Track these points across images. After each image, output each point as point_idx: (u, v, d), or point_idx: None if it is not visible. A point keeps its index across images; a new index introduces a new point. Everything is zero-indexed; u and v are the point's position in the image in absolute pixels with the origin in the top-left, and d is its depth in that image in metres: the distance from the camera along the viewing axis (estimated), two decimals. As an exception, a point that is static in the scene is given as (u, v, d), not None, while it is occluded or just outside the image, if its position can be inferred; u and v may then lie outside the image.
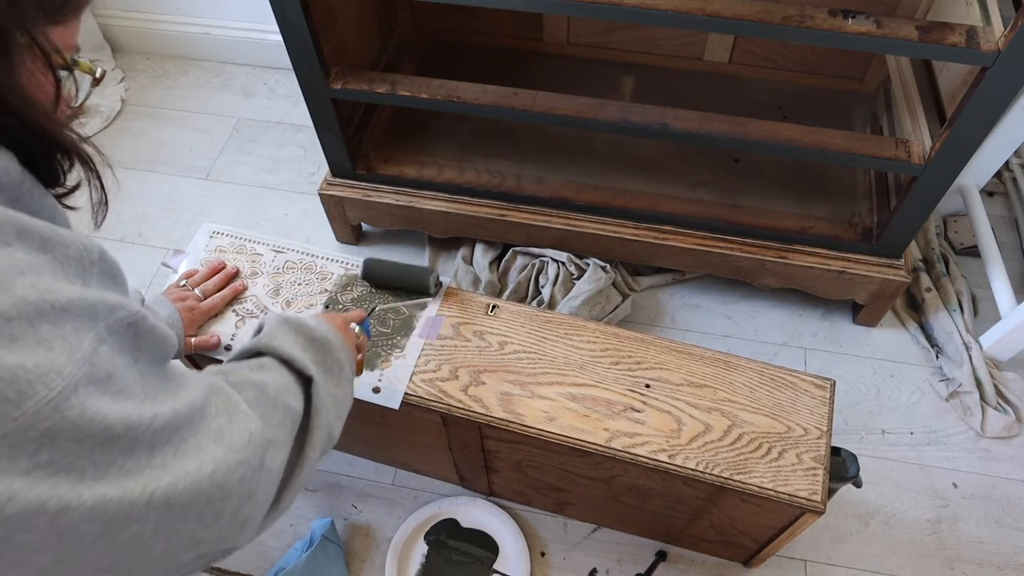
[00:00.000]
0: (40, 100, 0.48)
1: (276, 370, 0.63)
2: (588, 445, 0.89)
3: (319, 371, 0.66)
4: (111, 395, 0.42)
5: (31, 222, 0.43)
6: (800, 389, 0.93)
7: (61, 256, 0.44)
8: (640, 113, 1.15)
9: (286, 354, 0.64)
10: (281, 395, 0.60)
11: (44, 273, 0.42)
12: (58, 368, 0.39)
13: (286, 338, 0.66)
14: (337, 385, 0.69)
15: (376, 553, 1.19)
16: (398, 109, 1.50)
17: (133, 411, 0.43)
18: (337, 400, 0.68)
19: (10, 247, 0.41)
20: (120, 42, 1.94)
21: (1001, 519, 1.20)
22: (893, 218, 1.20)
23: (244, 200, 1.65)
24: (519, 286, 1.42)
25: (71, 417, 0.39)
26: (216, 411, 0.51)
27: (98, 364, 0.42)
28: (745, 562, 1.14)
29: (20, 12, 0.44)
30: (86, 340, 0.42)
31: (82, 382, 0.40)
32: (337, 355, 0.70)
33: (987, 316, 1.39)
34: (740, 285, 1.43)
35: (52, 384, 0.39)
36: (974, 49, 0.91)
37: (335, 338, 0.72)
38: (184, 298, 0.96)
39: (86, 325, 0.43)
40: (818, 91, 1.52)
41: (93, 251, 0.47)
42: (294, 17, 1.08)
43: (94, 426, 0.40)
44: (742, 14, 0.95)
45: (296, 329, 0.68)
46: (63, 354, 0.40)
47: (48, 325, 0.40)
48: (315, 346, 0.68)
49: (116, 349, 0.45)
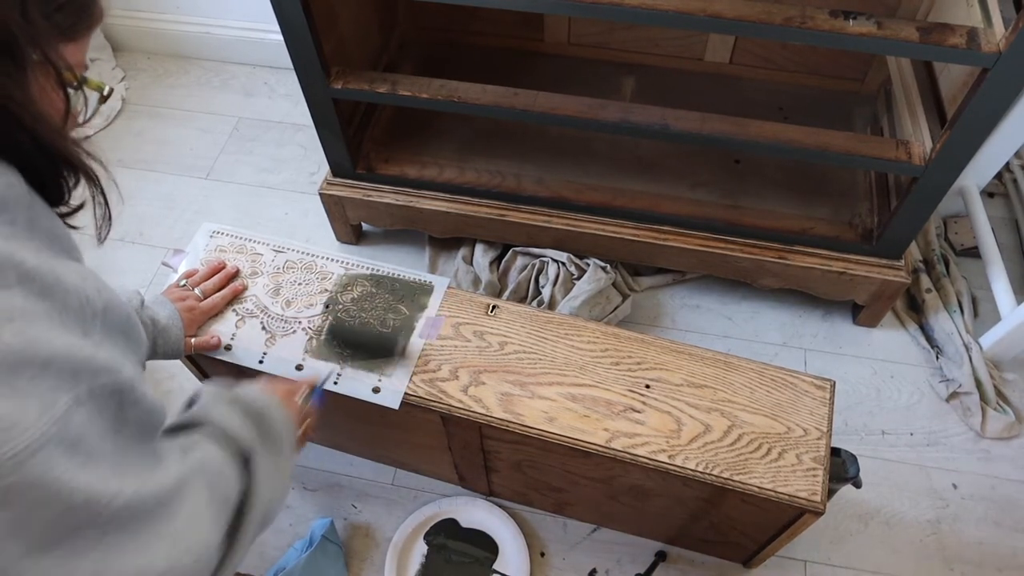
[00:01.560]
0: (50, 116, 0.48)
1: (213, 444, 0.59)
2: (588, 445, 0.89)
3: (258, 444, 0.63)
4: (77, 461, 0.40)
5: (35, 268, 0.42)
6: (800, 390, 0.93)
7: (60, 305, 0.43)
8: (640, 113, 1.15)
9: (223, 426, 0.61)
10: (220, 481, 0.57)
11: (38, 321, 0.41)
12: (26, 424, 0.38)
13: (222, 408, 0.63)
14: (276, 460, 0.65)
15: (376, 553, 1.19)
16: (398, 109, 1.50)
17: (96, 484, 0.41)
18: (275, 476, 0.64)
19: (8, 290, 0.40)
20: (120, 41, 1.94)
21: (1001, 520, 1.20)
22: (893, 219, 1.20)
23: (244, 200, 1.65)
24: (519, 286, 1.42)
25: (30, 478, 0.37)
26: (179, 510, 0.48)
27: (69, 427, 0.40)
28: (745, 562, 1.14)
29: (34, 29, 0.44)
30: (61, 400, 0.41)
31: (50, 443, 0.39)
32: (275, 427, 0.67)
33: (987, 317, 1.39)
34: (740, 286, 1.43)
35: (16, 440, 0.37)
36: (975, 50, 0.91)
37: (274, 410, 0.68)
38: (184, 298, 0.96)
39: (66, 384, 0.41)
40: (819, 92, 1.52)
41: (96, 303, 0.46)
42: (294, 17, 1.08)
43: (52, 492, 0.39)
44: (743, 15, 0.95)
45: (232, 401, 0.65)
46: (34, 411, 0.39)
47: (26, 378, 0.39)
48: (253, 417, 0.65)
49: (93, 415, 0.43)
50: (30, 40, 0.44)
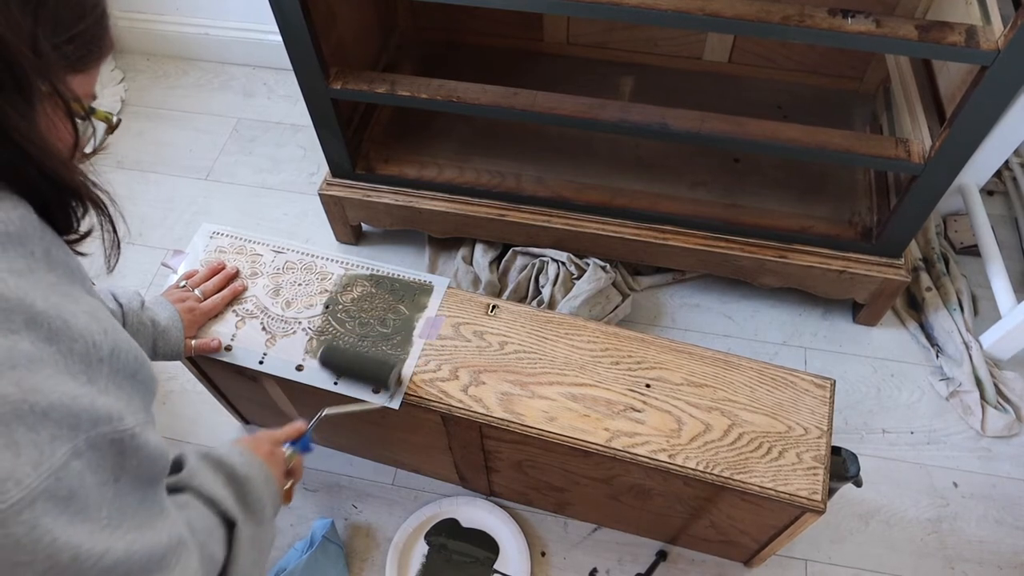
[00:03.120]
0: (58, 148, 0.47)
1: (199, 510, 0.60)
2: (588, 445, 0.89)
3: (240, 512, 0.63)
4: (68, 516, 0.39)
5: (43, 312, 0.42)
6: (800, 389, 0.93)
7: (66, 350, 0.42)
8: (640, 113, 1.15)
9: (208, 493, 0.61)
10: (209, 543, 0.57)
11: (42, 368, 0.40)
12: (18, 478, 0.37)
13: (207, 475, 0.63)
14: (258, 526, 0.65)
15: (376, 553, 1.19)
16: (398, 109, 1.50)
17: (85, 540, 0.40)
18: (256, 544, 0.64)
19: (15, 335, 0.40)
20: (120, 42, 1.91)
21: (1001, 518, 1.20)
22: (893, 217, 1.20)
23: (244, 200, 1.65)
24: (519, 286, 1.42)
25: (17, 535, 0.37)
26: (172, 572, 0.47)
27: (64, 480, 0.39)
28: (745, 562, 1.14)
29: (44, 62, 0.44)
30: (59, 451, 0.40)
31: (41, 497, 0.38)
32: (258, 494, 0.67)
33: (987, 315, 1.39)
34: (740, 285, 1.43)
35: (7, 495, 0.36)
36: (973, 48, 0.91)
37: (258, 473, 0.68)
38: (184, 299, 0.96)
39: (65, 435, 0.40)
40: (818, 91, 1.52)
41: (103, 348, 0.45)
42: (294, 17, 1.08)
43: (39, 548, 0.38)
44: (742, 14, 0.95)
45: (216, 466, 0.65)
46: (29, 463, 0.38)
47: (23, 428, 0.38)
48: (236, 484, 0.65)
49: (91, 466, 0.42)
50: (40, 73, 0.43)
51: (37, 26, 0.43)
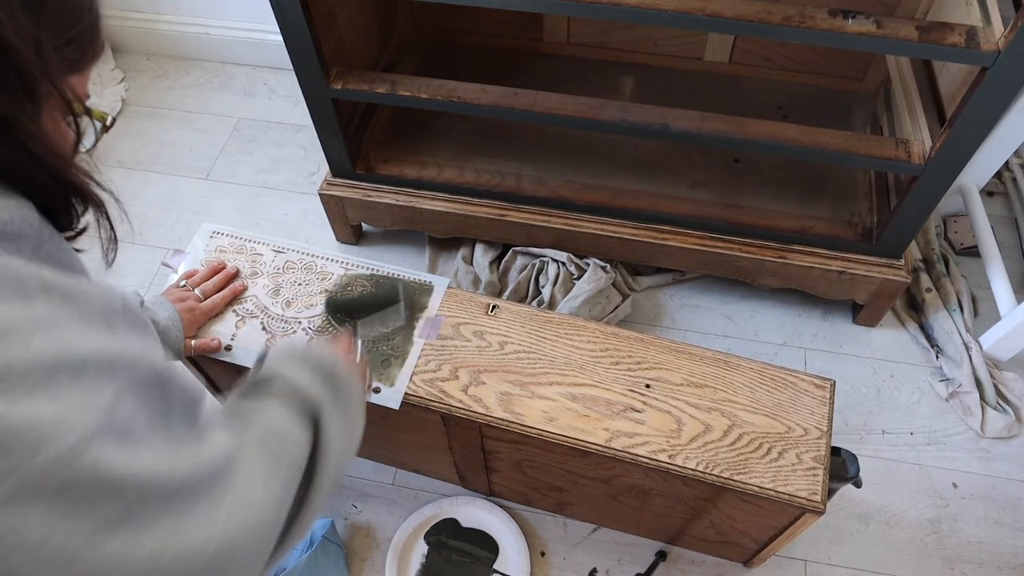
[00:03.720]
0: (63, 148, 0.49)
1: (280, 408, 0.60)
2: (588, 445, 0.89)
3: (328, 403, 0.63)
4: (129, 448, 0.41)
5: (54, 278, 0.43)
6: (800, 389, 0.93)
7: (84, 310, 0.44)
8: (640, 113, 1.15)
9: (293, 382, 0.62)
10: (286, 442, 0.57)
11: (66, 326, 0.42)
12: (72, 422, 0.39)
13: (293, 364, 0.64)
14: (345, 418, 0.65)
15: (376, 553, 1.19)
16: (398, 109, 1.50)
17: (152, 465, 0.42)
18: (343, 435, 0.64)
19: (32, 301, 0.41)
20: (120, 42, 1.94)
21: (1001, 519, 1.20)
22: (893, 218, 1.20)
23: (244, 200, 1.65)
24: (519, 286, 1.42)
25: (87, 470, 0.38)
26: (237, 476, 0.48)
27: (117, 417, 0.42)
28: (745, 562, 1.14)
29: (47, 63, 0.45)
30: (105, 393, 0.42)
31: (98, 435, 0.40)
32: (346, 385, 0.67)
33: (987, 316, 1.39)
34: (740, 285, 1.43)
35: (65, 438, 0.38)
36: (974, 49, 0.91)
37: (343, 368, 0.68)
38: (184, 298, 0.96)
39: (105, 378, 0.42)
40: (818, 91, 1.52)
41: (116, 302, 0.47)
42: (294, 17, 1.08)
43: (110, 480, 0.40)
44: (742, 14, 0.95)
45: (303, 357, 0.66)
46: (78, 407, 0.40)
47: (66, 378, 0.40)
48: (322, 372, 0.65)
49: (139, 403, 0.44)
50: (44, 74, 0.45)
51: (40, 29, 0.44)
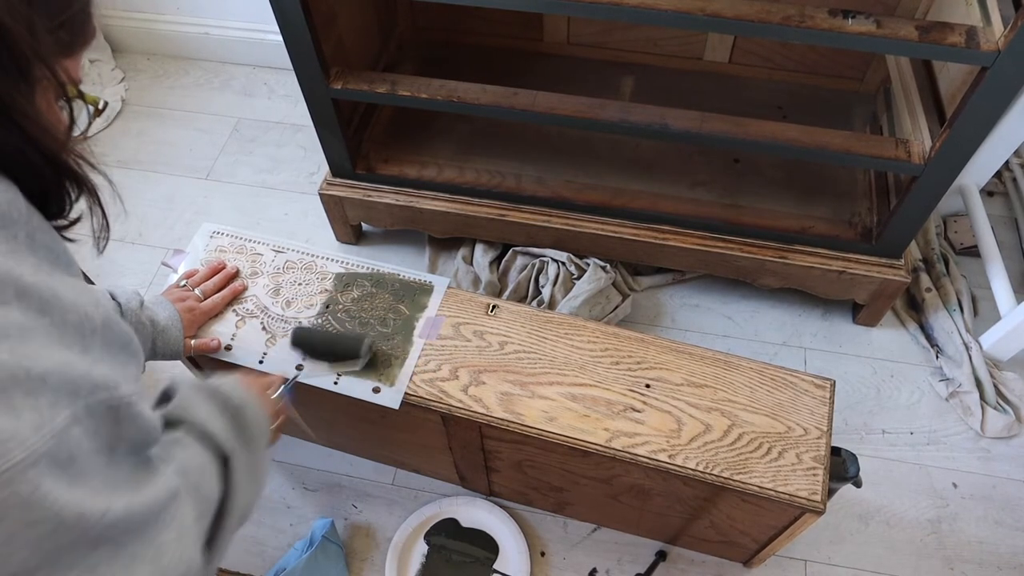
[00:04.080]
0: (56, 129, 0.49)
1: (193, 448, 0.59)
2: (588, 445, 0.89)
3: (236, 441, 0.62)
4: (68, 479, 0.40)
5: (34, 284, 0.42)
6: (800, 389, 0.93)
7: (59, 321, 0.43)
8: (640, 113, 1.15)
9: (202, 425, 0.61)
10: (202, 484, 0.56)
11: (34, 337, 0.41)
12: (20, 439, 0.38)
13: (201, 405, 0.63)
14: (253, 460, 0.65)
15: (376, 553, 1.19)
16: (398, 109, 1.50)
17: (86, 501, 0.41)
18: (252, 472, 0.64)
19: (6, 306, 0.41)
20: (120, 42, 1.94)
21: (1001, 519, 1.20)
22: (893, 218, 1.20)
23: (244, 200, 1.65)
24: (519, 286, 1.42)
25: (23, 493, 0.37)
26: (168, 525, 0.48)
27: (64, 444, 0.40)
28: (745, 562, 1.14)
29: (41, 45, 0.45)
30: (59, 416, 0.41)
31: (43, 459, 0.39)
32: (253, 426, 0.67)
33: (987, 316, 1.39)
34: (740, 285, 1.43)
35: (10, 455, 0.37)
36: (974, 49, 0.91)
37: (252, 408, 0.68)
38: (184, 298, 0.96)
39: (64, 400, 0.41)
40: (818, 91, 1.52)
41: (95, 319, 0.46)
42: (294, 17, 1.08)
43: (45, 508, 0.38)
44: (742, 14, 0.95)
45: (211, 396, 0.65)
46: (30, 425, 0.39)
47: (21, 393, 0.39)
48: (231, 412, 0.65)
49: (89, 432, 0.43)
50: (38, 56, 0.45)
51: (33, 12, 0.45)
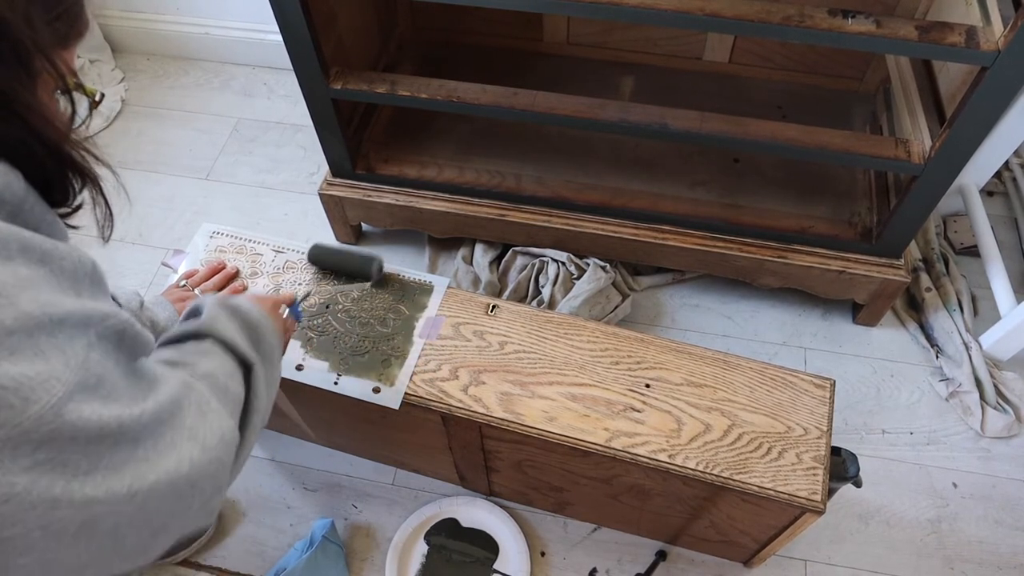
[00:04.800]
0: (58, 120, 0.51)
1: (219, 356, 0.63)
2: (588, 445, 0.89)
3: (255, 355, 0.67)
4: (100, 398, 0.44)
5: (32, 237, 0.45)
6: (800, 389, 0.93)
7: (57, 269, 0.46)
8: (639, 113, 1.15)
9: (228, 339, 0.65)
10: (230, 385, 0.61)
11: (43, 286, 0.44)
12: (57, 375, 0.42)
13: (226, 322, 0.66)
14: (270, 369, 0.70)
15: (376, 553, 1.19)
16: (398, 109, 1.50)
17: (123, 410, 0.45)
18: (270, 384, 0.69)
19: (12, 261, 0.43)
20: (120, 42, 1.94)
21: (1001, 519, 1.20)
22: (893, 218, 1.20)
23: (244, 200, 1.65)
24: (519, 286, 1.42)
25: (71, 420, 0.41)
26: (190, 408, 0.52)
27: (90, 369, 0.44)
28: (745, 562, 1.14)
29: (40, 37, 0.47)
30: (79, 347, 0.44)
31: (77, 387, 0.43)
32: (270, 339, 0.71)
33: (987, 316, 1.39)
34: (740, 285, 1.43)
35: (53, 391, 0.41)
36: (974, 49, 0.91)
37: (267, 322, 0.72)
38: (184, 298, 0.96)
39: (79, 333, 0.45)
40: (818, 91, 1.52)
41: (87, 264, 0.49)
42: (294, 17, 1.08)
43: (92, 427, 0.42)
44: (742, 14, 0.95)
45: (233, 313, 0.68)
46: (60, 363, 0.42)
47: (45, 336, 0.42)
48: (250, 330, 0.69)
49: (104, 354, 0.47)
50: (38, 48, 0.47)
51: (31, 5, 0.46)
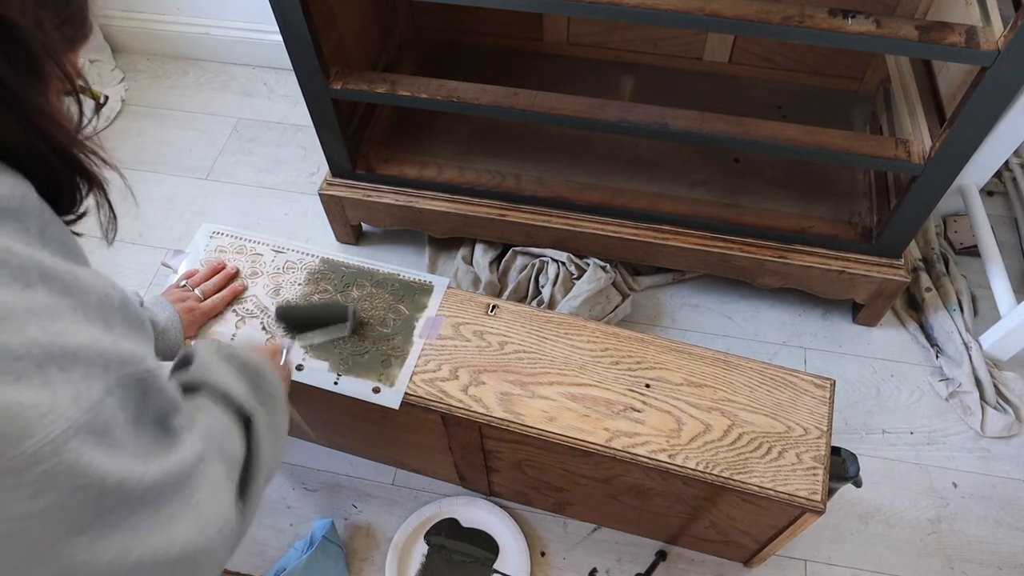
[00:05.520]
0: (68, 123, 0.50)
1: (214, 411, 0.59)
2: (588, 445, 0.89)
3: (256, 402, 0.63)
4: (104, 448, 0.42)
5: (55, 268, 0.44)
6: (800, 389, 0.93)
7: (82, 301, 0.44)
8: (639, 113, 1.15)
9: (224, 388, 0.61)
10: (225, 446, 0.57)
11: (62, 316, 0.42)
12: (60, 411, 0.39)
13: (220, 369, 0.63)
14: (273, 415, 0.66)
15: (376, 553, 1.19)
16: (398, 109, 1.50)
17: (124, 467, 0.43)
18: (274, 430, 0.65)
19: (31, 289, 0.42)
20: (120, 42, 1.94)
21: (1001, 519, 1.20)
22: (893, 218, 1.20)
23: (244, 200, 1.65)
24: (519, 286, 1.42)
25: (68, 461, 0.39)
26: (201, 482, 0.50)
27: (99, 415, 0.42)
28: (745, 562, 1.14)
29: (50, 41, 0.47)
30: (94, 389, 0.42)
31: (82, 430, 0.40)
32: (271, 387, 0.67)
33: (987, 316, 1.39)
34: (740, 285, 1.43)
35: (52, 426, 0.39)
36: (973, 49, 0.91)
37: (268, 370, 0.68)
38: (184, 299, 0.96)
39: (97, 374, 0.43)
40: (818, 91, 1.52)
41: (114, 299, 0.47)
42: (294, 17, 1.08)
43: (89, 475, 0.40)
44: (742, 14, 0.95)
45: (229, 358, 0.65)
46: (67, 398, 0.40)
47: (56, 368, 0.40)
48: (248, 375, 0.65)
49: (120, 403, 0.45)
50: (48, 51, 0.46)
51: (40, 9, 0.46)
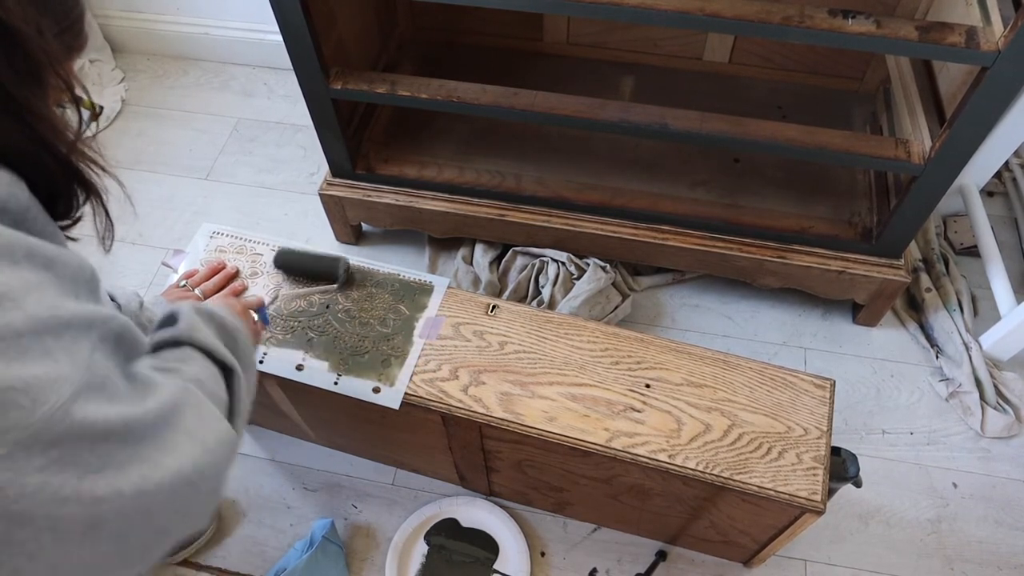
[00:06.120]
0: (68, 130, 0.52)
1: (201, 361, 0.63)
2: (588, 445, 0.89)
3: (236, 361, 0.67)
4: (106, 398, 0.45)
5: (36, 243, 0.46)
6: (800, 389, 0.93)
7: (61, 273, 0.47)
8: (639, 113, 1.15)
9: (208, 345, 0.64)
10: (216, 389, 0.62)
11: (48, 290, 0.45)
12: (65, 376, 0.42)
13: (203, 329, 0.66)
14: (248, 374, 0.70)
15: (376, 553, 1.19)
16: (398, 109, 1.50)
17: (127, 410, 0.46)
18: (249, 389, 0.69)
19: (18, 266, 0.44)
20: (120, 42, 1.94)
21: (1001, 519, 1.20)
22: (893, 218, 1.20)
23: (244, 200, 1.65)
24: (519, 286, 1.42)
25: (79, 419, 0.42)
26: (188, 410, 0.53)
27: (94, 370, 0.45)
28: (745, 562, 1.14)
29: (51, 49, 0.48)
30: (84, 348, 0.45)
31: (84, 388, 0.43)
32: (245, 344, 0.71)
33: (987, 316, 1.39)
34: (740, 285, 1.43)
35: (61, 391, 0.41)
36: (974, 49, 0.91)
37: (242, 327, 0.72)
38: (184, 299, 0.96)
39: (83, 334, 0.46)
40: (818, 91, 1.52)
41: (87, 270, 0.50)
42: (294, 17, 1.08)
43: (99, 427, 0.43)
44: (742, 14, 0.95)
45: (209, 319, 0.68)
46: (67, 363, 0.43)
47: (52, 338, 0.43)
48: (226, 335, 0.69)
49: (106, 355, 0.48)
50: (49, 59, 0.48)
51: (42, 17, 0.47)
